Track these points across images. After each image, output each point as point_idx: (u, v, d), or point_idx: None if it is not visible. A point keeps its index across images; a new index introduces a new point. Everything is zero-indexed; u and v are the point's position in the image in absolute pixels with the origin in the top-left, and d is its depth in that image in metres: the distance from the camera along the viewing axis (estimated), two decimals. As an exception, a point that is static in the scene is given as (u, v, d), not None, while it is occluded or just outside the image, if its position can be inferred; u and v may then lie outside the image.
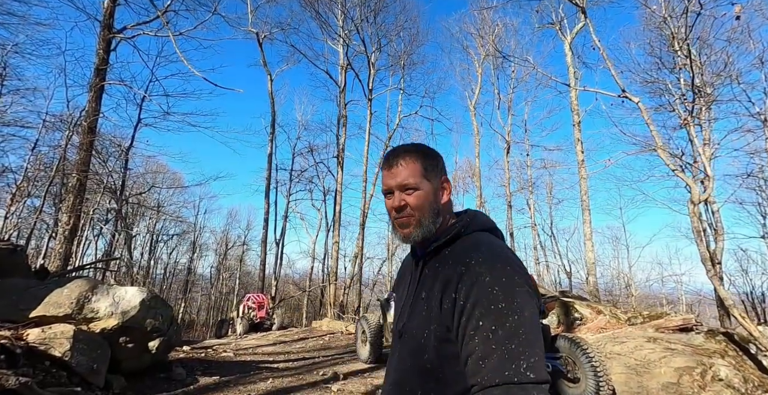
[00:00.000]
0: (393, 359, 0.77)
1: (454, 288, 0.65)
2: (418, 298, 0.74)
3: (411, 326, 0.73)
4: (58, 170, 10.91)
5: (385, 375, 0.82)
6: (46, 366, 2.70)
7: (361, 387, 3.85)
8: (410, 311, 0.74)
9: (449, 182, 0.81)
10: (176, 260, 27.90)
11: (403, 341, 0.74)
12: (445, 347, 0.65)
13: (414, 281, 0.78)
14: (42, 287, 3.34)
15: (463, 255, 0.69)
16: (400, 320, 0.78)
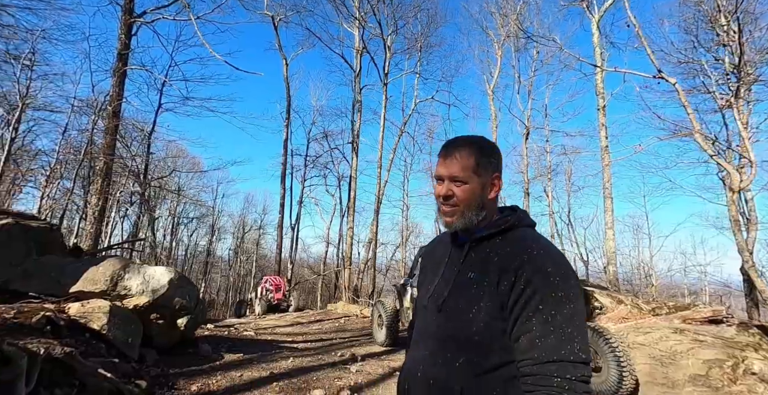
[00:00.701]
0: (429, 328, 0.82)
1: (513, 273, 0.71)
2: (464, 277, 0.79)
3: (455, 301, 0.78)
4: (86, 154, 11.30)
5: (413, 345, 0.88)
6: (86, 338, 2.87)
7: (379, 369, 3.95)
8: (452, 287, 0.80)
9: (500, 180, 0.83)
10: (196, 242, 29.00)
11: (444, 314, 0.79)
12: (495, 323, 0.72)
13: (455, 261, 0.83)
14: (78, 264, 3.52)
15: (523, 245, 0.75)
16: (437, 295, 0.82)
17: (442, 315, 0.80)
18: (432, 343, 0.80)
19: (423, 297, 0.89)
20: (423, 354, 0.80)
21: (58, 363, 2.39)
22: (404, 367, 0.88)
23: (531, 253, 0.73)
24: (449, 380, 0.73)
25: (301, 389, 3.15)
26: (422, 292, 0.91)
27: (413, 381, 0.80)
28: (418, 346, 0.85)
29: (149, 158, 15.74)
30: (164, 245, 24.39)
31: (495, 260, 0.76)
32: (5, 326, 2.47)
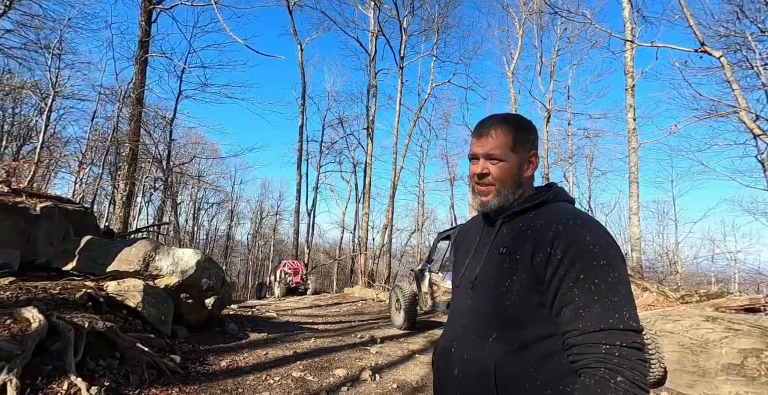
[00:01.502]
0: (462, 306, 0.82)
1: (549, 244, 0.69)
2: (495, 253, 0.79)
3: (487, 276, 0.77)
4: (113, 140, 11.68)
5: (448, 323, 0.88)
6: (123, 314, 3.05)
7: (398, 351, 4.04)
8: (484, 264, 0.80)
9: (537, 157, 0.82)
10: (216, 226, 29.98)
11: (477, 290, 0.79)
12: (531, 296, 0.71)
13: (487, 240, 0.83)
14: (113, 245, 3.70)
15: (558, 216, 0.73)
16: (469, 273, 0.83)
17: (475, 291, 0.79)
18: (465, 320, 0.79)
19: (456, 278, 0.90)
20: (457, 331, 0.81)
21: (101, 336, 2.56)
22: (439, 344, 0.88)
23: (567, 223, 0.70)
24: (482, 356, 0.72)
25: (324, 368, 3.26)
26: (456, 273, 0.92)
27: (447, 357, 0.80)
28: (452, 323, 0.85)
29: (171, 145, 16.15)
30: (187, 229, 25.34)
31: (528, 233, 0.74)
32: (53, 301, 2.65)
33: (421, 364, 3.67)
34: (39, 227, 5.12)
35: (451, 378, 0.77)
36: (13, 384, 1.86)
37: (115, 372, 2.39)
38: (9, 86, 13.73)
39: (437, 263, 5.20)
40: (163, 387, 2.46)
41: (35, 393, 1.92)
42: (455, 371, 0.77)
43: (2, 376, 1.87)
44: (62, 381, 2.05)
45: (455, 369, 0.77)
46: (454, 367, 0.77)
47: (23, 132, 17.11)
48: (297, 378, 2.97)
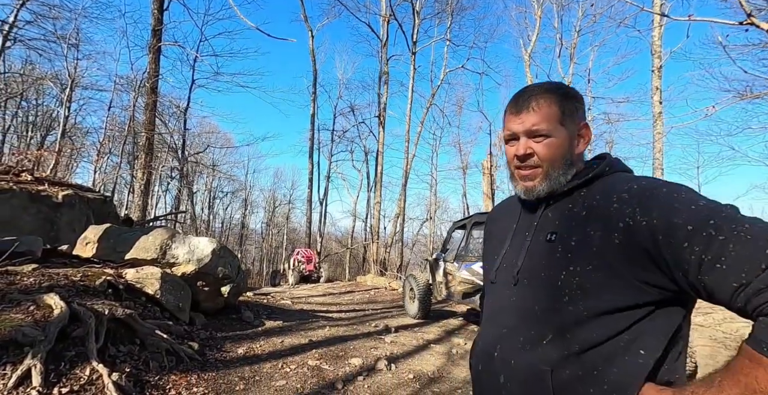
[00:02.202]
0: (503, 304, 0.72)
1: (621, 218, 0.57)
2: (539, 241, 0.68)
3: (535, 269, 0.67)
4: (130, 130, 11.86)
5: (485, 322, 0.77)
6: (142, 301, 3.09)
7: (413, 341, 4.01)
8: (527, 255, 0.69)
9: (589, 128, 0.71)
10: (231, 215, 30.60)
11: (522, 286, 0.68)
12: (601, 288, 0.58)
13: (526, 226, 0.73)
14: (131, 233, 3.74)
15: (620, 187, 0.61)
16: (507, 266, 0.72)
17: (520, 287, 0.69)
18: (509, 319, 0.69)
19: (490, 271, 0.78)
20: (499, 332, 0.70)
21: (121, 323, 2.59)
22: (476, 346, 0.78)
23: (630, 187, 0.59)
24: (534, 361, 0.62)
25: (339, 357, 3.26)
26: (488, 265, 0.80)
27: (489, 362, 0.70)
28: (491, 323, 0.74)
29: (186, 134, 16.34)
30: (203, 217, 25.93)
31: (583, 214, 0.63)
32: (74, 288, 2.68)
33: (437, 354, 3.63)
34: (62, 215, 5.26)
35: (496, 387, 0.67)
36: (37, 369, 1.89)
37: (136, 359, 2.42)
38: (31, 77, 14.06)
39: (452, 253, 5.11)
40: (182, 373, 2.49)
41: (59, 379, 1.94)
42: (500, 378, 0.67)
43: (27, 361, 1.90)
44: (84, 367, 2.07)
45: (500, 376, 0.67)
46: (498, 374, 0.67)
47: (47, 123, 17.65)
48: (313, 366, 2.97)
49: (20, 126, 17.56)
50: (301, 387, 2.60)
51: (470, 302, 4.41)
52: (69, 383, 1.95)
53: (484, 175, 14.33)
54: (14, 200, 4.64)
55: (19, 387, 1.79)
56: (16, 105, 16.41)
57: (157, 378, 2.34)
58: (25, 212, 4.73)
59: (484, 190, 14.53)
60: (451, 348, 3.86)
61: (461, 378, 3.04)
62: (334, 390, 2.61)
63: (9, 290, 2.35)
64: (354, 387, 2.69)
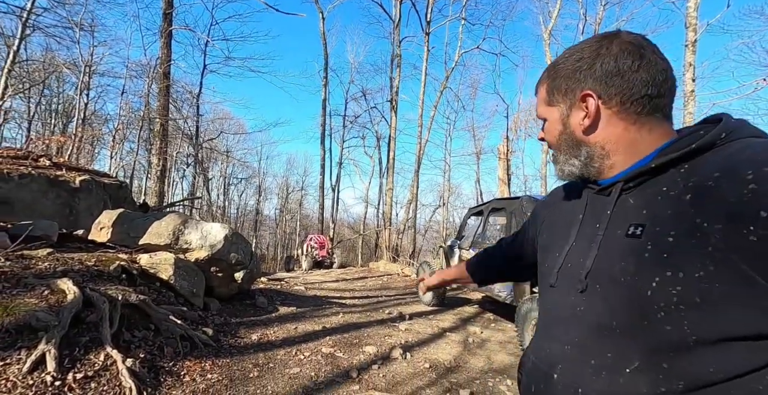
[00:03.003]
0: (564, 313, 0.57)
1: (758, 204, 0.40)
2: (619, 235, 0.52)
3: (613, 272, 0.51)
4: (145, 116, 11.94)
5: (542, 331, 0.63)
6: (157, 287, 3.08)
7: (428, 329, 3.94)
8: (603, 252, 0.53)
9: (594, 95, 0.54)
10: (246, 201, 31.11)
11: (595, 292, 0.53)
12: (729, 303, 0.42)
13: (597, 215, 0.57)
14: (144, 218, 3.72)
15: (750, 157, 0.43)
16: (573, 265, 0.58)
17: (590, 295, 0.53)
18: (574, 334, 0.54)
19: (549, 271, 0.63)
20: (560, 349, 0.56)
21: (135, 308, 2.57)
22: (527, 359, 0.64)
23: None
24: (616, 393, 0.47)
25: (353, 344, 3.21)
26: (547, 265, 0.65)
27: (545, 383, 0.56)
28: (548, 336, 0.60)
29: (199, 120, 16.41)
30: (218, 204, 26.43)
31: (687, 198, 0.46)
32: (88, 273, 2.68)
33: (453, 343, 3.54)
34: (80, 200, 5.33)
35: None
36: (51, 354, 1.87)
37: (150, 344, 2.40)
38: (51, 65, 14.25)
39: (468, 240, 4.96)
40: (196, 359, 2.47)
41: (73, 364, 1.93)
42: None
43: (41, 346, 1.88)
44: (99, 353, 2.06)
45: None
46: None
47: (68, 110, 18.03)
48: (327, 354, 2.93)
49: (44, 114, 18.02)
50: (315, 375, 2.55)
51: (486, 290, 4.29)
52: (83, 368, 1.93)
53: (500, 160, 13.90)
54: (33, 184, 4.70)
55: (34, 372, 1.78)
56: (39, 93, 16.79)
57: (172, 364, 2.32)
58: (44, 196, 4.80)
59: (499, 175, 14.15)
60: (467, 337, 3.77)
61: (479, 368, 2.96)
62: (349, 378, 2.56)
63: (24, 274, 2.34)
64: (369, 376, 2.63)
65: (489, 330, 4.13)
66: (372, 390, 2.39)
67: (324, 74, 16.12)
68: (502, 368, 3.00)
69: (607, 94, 0.53)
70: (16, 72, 12.15)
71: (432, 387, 2.55)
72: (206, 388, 2.18)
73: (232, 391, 2.21)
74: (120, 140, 14.20)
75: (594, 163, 0.57)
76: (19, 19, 10.21)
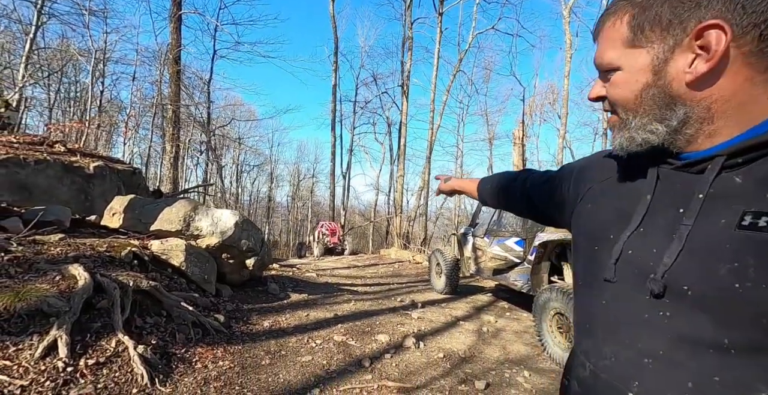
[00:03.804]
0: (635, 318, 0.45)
1: None
2: (717, 226, 0.40)
3: (712, 276, 0.39)
4: (157, 103, 11.96)
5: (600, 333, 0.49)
6: (168, 273, 3.08)
7: (441, 317, 3.87)
8: (691, 248, 0.41)
9: (724, 26, 0.37)
10: (258, 188, 31.45)
11: (682, 298, 0.41)
12: None
13: (678, 197, 0.44)
14: (155, 205, 3.70)
15: None
16: (643, 259, 0.45)
17: (677, 299, 0.41)
18: (659, 345, 0.43)
19: (601, 260, 0.49)
20: (638, 361, 0.44)
21: (147, 294, 2.56)
22: (581, 364, 0.52)
23: None
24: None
25: (365, 332, 3.16)
26: (596, 247, 0.51)
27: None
28: (616, 340, 0.47)
29: (210, 107, 16.41)
30: (231, 191, 26.79)
31: None
32: (99, 258, 2.67)
33: (467, 332, 3.47)
34: (94, 186, 5.38)
35: None
36: (63, 340, 1.86)
37: (162, 330, 2.39)
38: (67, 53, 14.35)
39: (482, 227, 4.81)
40: (208, 346, 2.45)
41: (84, 350, 1.92)
42: None
43: (53, 332, 1.87)
44: (110, 339, 2.05)
45: None
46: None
47: (85, 98, 18.30)
48: (339, 342, 2.89)
49: (63, 102, 18.34)
50: (327, 363, 2.51)
51: (501, 278, 4.17)
52: (95, 355, 1.92)
53: (515, 145, 13.49)
54: (49, 170, 4.75)
55: (46, 358, 1.77)
56: (58, 81, 17.05)
57: (183, 351, 2.31)
58: (60, 182, 4.85)
59: (514, 161, 13.75)
60: (481, 326, 3.68)
61: (494, 359, 2.87)
62: (361, 367, 2.51)
63: (36, 259, 2.34)
64: (381, 365, 2.58)
65: (504, 319, 4.04)
66: (385, 380, 2.33)
67: (334, 59, 15.78)
68: (519, 359, 2.91)
69: (741, 24, 0.37)
70: (34, 59, 12.30)
71: (446, 377, 2.48)
72: (218, 375, 2.16)
73: (244, 379, 2.19)
74: (133, 126, 14.38)
75: (688, 129, 0.43)
76: (34, 7, 10.22)
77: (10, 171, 4.00)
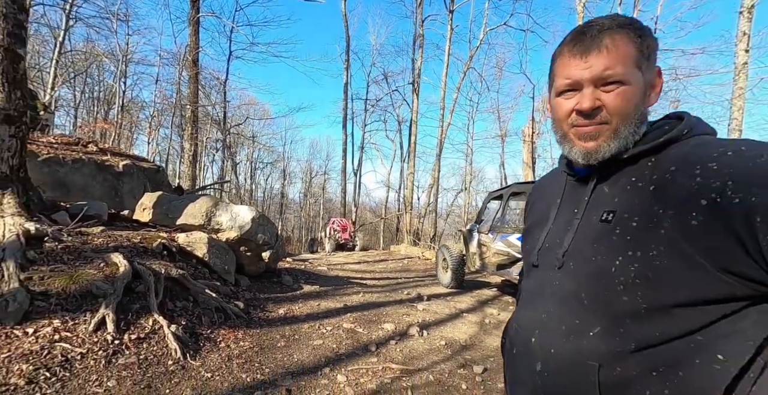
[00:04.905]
0: (544, 288, 0.64)
1: (703, 195, 0.46)
2: (593, 219, 0.58)
3: (586, 252, 0.57)
4: (177, 103, 12.44)
5: (524, 304, 0.70)
6: (193, 263, 3.38)
7: (445, 309, 4.06)
8: (578, 235, 0.59)
9: (662, 76, 0.57)
10: (271, 185, 32.15)
11: (569, 270, 0.59)
12: (670, 279, 0.48)
13: (575, 200, 0.63)
14: (180, 200, 4.01)
15: (700, 153, 0.50)
16: (551, 246, 0.64)
17: (565, 271, 0.59)
18: (551, 305, 0.61)
19: (531, 251, 0.69)
20: (538, 317, 0.63)
21: (176, 281, 2.85)
22: (511, 328, 0.72)
23: (718, 157, 0.46)
24: (580, 353, 0.54)
25: (372, 321, 3.39)
26: (529, 244, 0.71)
27: (524, 346, 0.65)
28: (529, 307, 0.67)
29: (226, 106, 16.90)
30: (245, 187, 27.48)
31: (651, 189, 0.52)
32: (134, 249, 2.98)
33: (470, 323, 3.65)
34: (123, 183, 5.79)
35: (531, 373, 0.62)
36: (110, 318, 2.15)
37: (190, 313, 2.68)
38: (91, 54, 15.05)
39: (487, 224, 4.96)
40: (230, 329, 2.73)
41: (128, 327, 2.21)
42: (537, 365, 0.61)
43: (101, 311, 2.17)
44: (148, 318, 2.34)
45: (537, 363, 0.61)
46: (535, 361, 0.61)
47: (108, 98, 19.14)
48: (348, 329, 3.12)
49: (88, 101, 19.23)
50: (337, 347, 2.75)
51: (505, 273, 4.32)
52: (136, 331, 2.21)
53: (525, 142, 13.43)
54: (85, 168, 5.15)
55: (97, 332, 2.07)
56: (83, 82, 17.89)
57: (209, 332, 2.59)
58: (93, 179, 5.25)
59: (524, 159, 13.71)
60: (484, 318, 3.86)
61: (494, 347, 3.05)
62: (368, 351, 2.74)
63: (83, 248, 2.65)
64: (386, 350, 2.80)
65: (507, 312, 4.20)
66: (389, 363, 2.56)
67: (345, 57, 16.00)
68: (516, 349, 3.08)
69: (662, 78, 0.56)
70: (62, 62, 12.99)
71: (447, 362, 2.69)
72: (239, 354, 2.43)
73: (262, 357, 2.45)
74: (156, 126, 15.02)
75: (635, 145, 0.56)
76: (63, 11, 10.81)
77: (51, 170, 4.39)
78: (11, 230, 2.36)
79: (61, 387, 1.69)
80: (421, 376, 2.40)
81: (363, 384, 2.22)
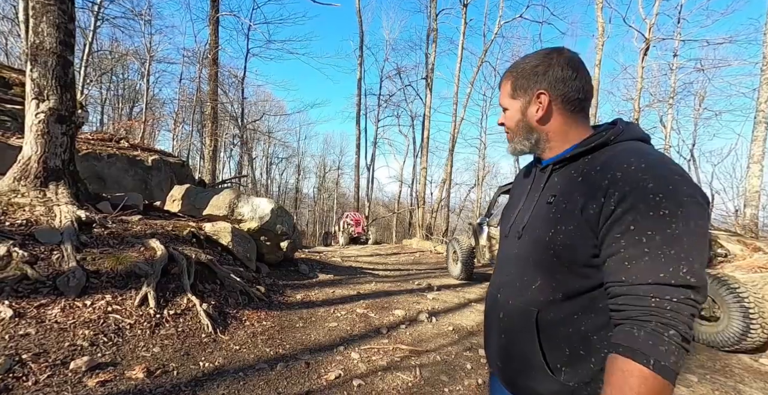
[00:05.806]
0: (509, 255, 0.82)
1: (603, 193, 0.64)
2: (543, 202, 0.76)
3: (534, 226, 0.75)
4: (197, 100, 12.88)
5: (496, 271, 0.89)
6: (218, 250, 3.66)
7: (454, 299, 4.23)
8: (533, 213, 0.78)
9: (547, 94, 0.75)
10: (286, 180, 32.80)
11: (524, 240, 0.78)
12: (579, 248, 0.67)
13: (537, 187, 0.81)
14: (205, 193, 4.30)
15: (619, 160, 0.66)
16: (518, 222, 0.82)
17: (522, 241, 0.78)
18: (512, 268, 0.80)
19: (505, 226, 0.88)
20: (503, 279, 0.82)
21: (204, 266, 3.13)
22: (488, 292, 0.91)
23: (628, 168, 0.62)
24: (526, 302, 0.74)
25: (384, 308, 3.60)
26: (505, 222, 0.90)
27: (494, 302, 0.84)
28: (499, 271, 0.86)
29: (244, 103, 17.35)
30: (262, 182, 28.16)
31: (579, 181, 0.69)
32: (168, 236, 3.27)
33: (477, 312, 3.81)
34: (152, 177, 6.18)
35: (497, 321, 0.82)
36: (151, 295, 2.43)
37: (218, 295, 2.95)
38: (116, 54, 15.72)
39: (496, 218, 5.07)
40: (253, 310, 2.99)
41: (166, 304, 2.49)
42: (500, 315, 0.80)
43: (144, 289, 2.45)
44: (182, 297, 2.61)
45: (500, 313, 0.80)
46: (499, 312, 0.81)
47: (132, 95, 19.96)
48: (361, 314, 3.34)
49: (113, 99, 20.11)
50: (350, 329, 2.97)
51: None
52: (173, 307, 2.49)
53: (541, 139, 13.20)
54: (118, 163, 5.54)
55: (141, 306, 2.35)
56: (108, 80, 18.71)
57: (235, 312, 2.85)
58: (126, 173, 5.64)
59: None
60: (490, 309, 4.01)
61: (498, 336, 3.21)
62: (379, 334, 2.95)
63: (125, 234, 2.95)
64: (397, 334, 3.00)
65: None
66: (399, 344, 2.76)
67: (359, 53, 16.12)
68: (521, 336, 3.22)
69: (554, 94, 0.74)
70: (90, 61, 13.65)
71: (454, 345, 2.87)
72: (263, 331, 2.68)
73: (283, 335, 2.69)
74: (180, 122, 15.63)
75: (539, 145, 0.79)
76: (91, 13, 11.37)
77: (89, 164, 4.77)
78: (66, 217, 2.67)
79: (116, 350, 1.97)
80: (429, 356, 2.59)
81: (375, 362, 2.42)
